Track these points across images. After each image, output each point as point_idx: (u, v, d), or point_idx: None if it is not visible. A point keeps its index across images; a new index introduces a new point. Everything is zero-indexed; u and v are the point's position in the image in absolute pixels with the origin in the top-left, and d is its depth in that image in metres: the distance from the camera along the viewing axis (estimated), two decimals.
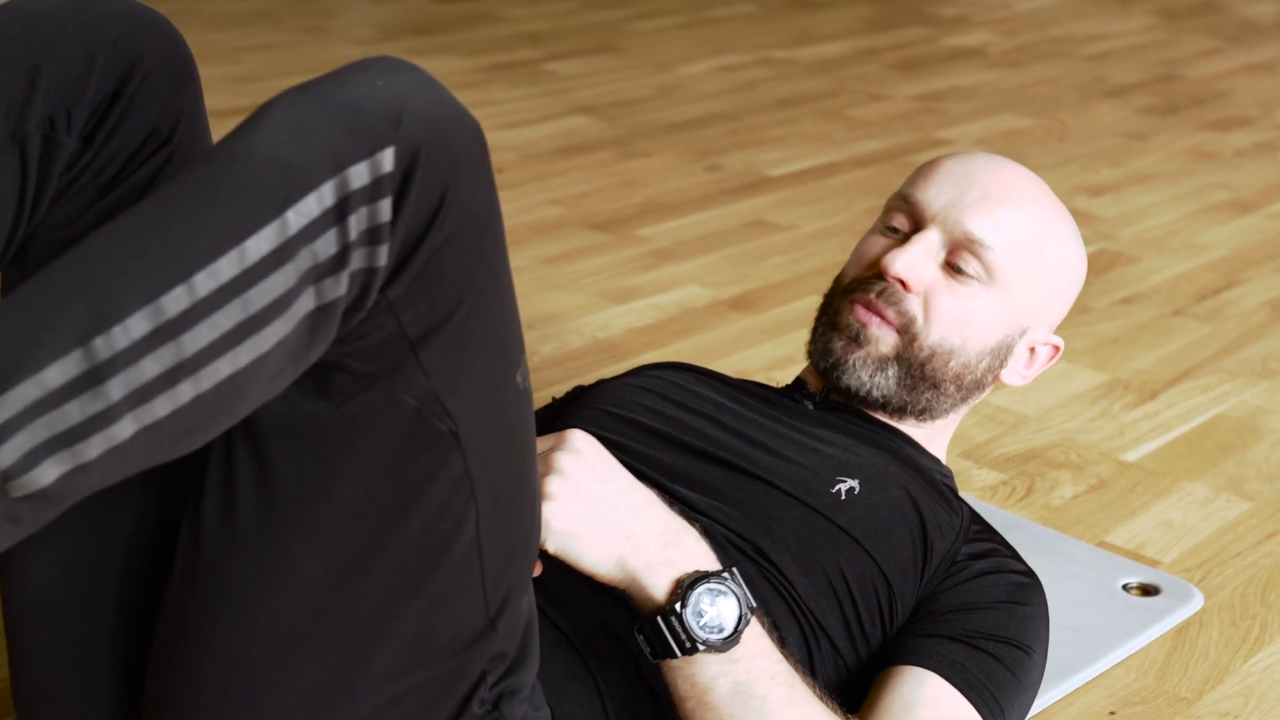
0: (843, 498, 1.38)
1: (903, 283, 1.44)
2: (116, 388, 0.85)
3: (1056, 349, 1.54)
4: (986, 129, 3.63)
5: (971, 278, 1.45)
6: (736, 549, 1.32)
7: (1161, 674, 1.61)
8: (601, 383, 1.60)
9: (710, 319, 2.46)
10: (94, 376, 0.85)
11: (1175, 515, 1.93)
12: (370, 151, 0.90)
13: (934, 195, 1.47)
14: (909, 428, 1.51)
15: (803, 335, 2.37)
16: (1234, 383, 2.31)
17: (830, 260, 2.73)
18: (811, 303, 2.51)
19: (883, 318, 1.45)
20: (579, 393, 1.59)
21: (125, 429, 0.86)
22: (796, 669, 1.22)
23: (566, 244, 2.75)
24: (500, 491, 1.04)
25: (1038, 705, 1.53)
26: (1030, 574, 1.42)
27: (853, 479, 1.39)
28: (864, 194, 3.12)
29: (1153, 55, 4.47)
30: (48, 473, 0.86)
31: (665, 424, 1.45)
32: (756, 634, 1.20)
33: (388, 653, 1.03)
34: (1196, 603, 1.73)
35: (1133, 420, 2.18)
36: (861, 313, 1.46)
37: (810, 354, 1.53)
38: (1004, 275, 1.46)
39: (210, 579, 1.03)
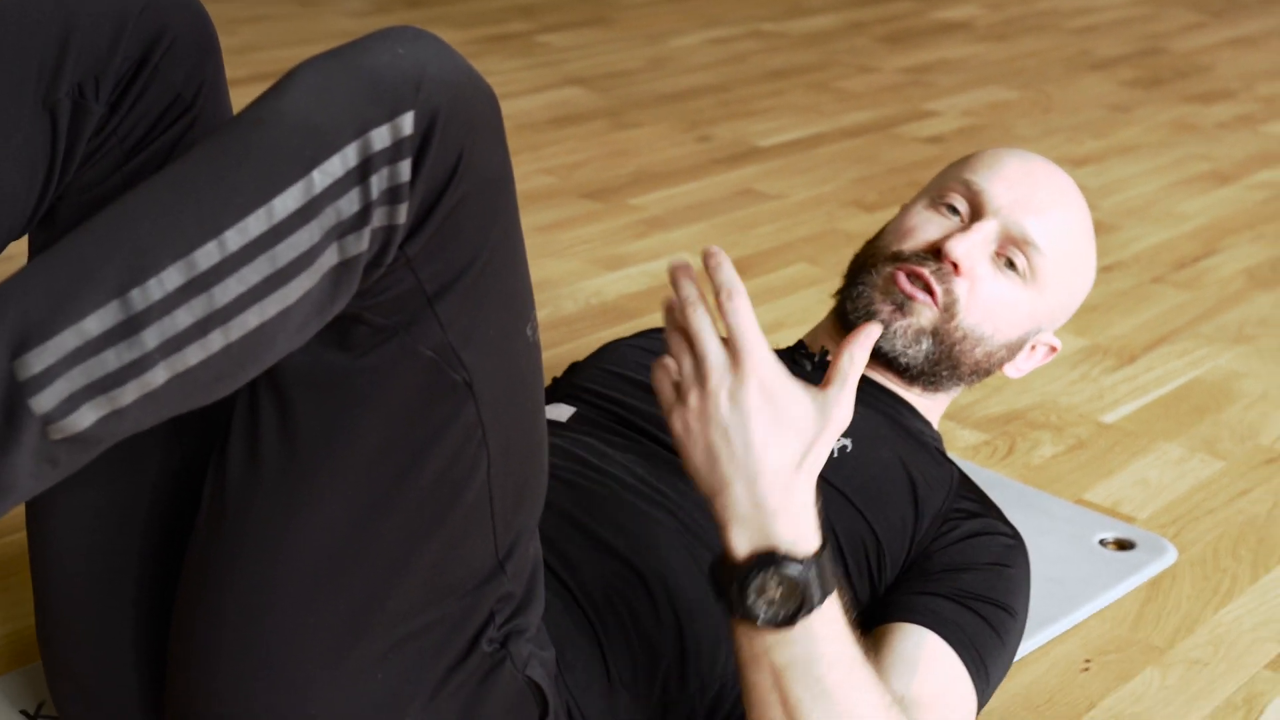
0: (835, 456, 1.43)
1: (956, 265, 1.50)
2: (151, 337, 0.91)
3: (1053, 349, 1.61)
4: (973, 101, 3.69)
5: (1017, 274, 1.53)
6: None
7: (1135, 624, 1.68)
8: (606, 345, 1.66)
9: (701, 285, 2.52)
10: (130, 326, 0.90)
11: (1151, 474, 1.99)
12: (391, 115, 0.95)
13: (1001, 190, 1.53)
14: (910, 395, 1.57)
15: (791, 301, 2.46)
16: (1210, 347, 2.38)
17: (819, 228, 2.79)
18: (800, 270, 2.59)
19: (931, 293, 1.50)
20: (598, 354, 1.64)
21: (159, 376, 0.92)
22: (861, 650, 1.18)
23: (560, 212, 2.80)
24: (511, 439, 1.10)
25: (1018, 653, 1.59)
26: (1016, 536, 1.47)
27: (845, 438, 1.44)
28: (852, 164, 3.17)
29: (1137, 29, 4.52)
30: (85, 417, 0.91)
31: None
32: (825, 619, 1.15)
33: (403, 592, 1.08)
34: (1170, 557, 1.79)
35: (1111, 384, 2.24)
36: (910, 286, 1.50)
37: (844, 310, 1.55)
38: (1044, 277, 1.53)
39: (235, 522, 1.08)
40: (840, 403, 1.14)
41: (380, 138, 0.95)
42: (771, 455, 1.12)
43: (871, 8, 4.65)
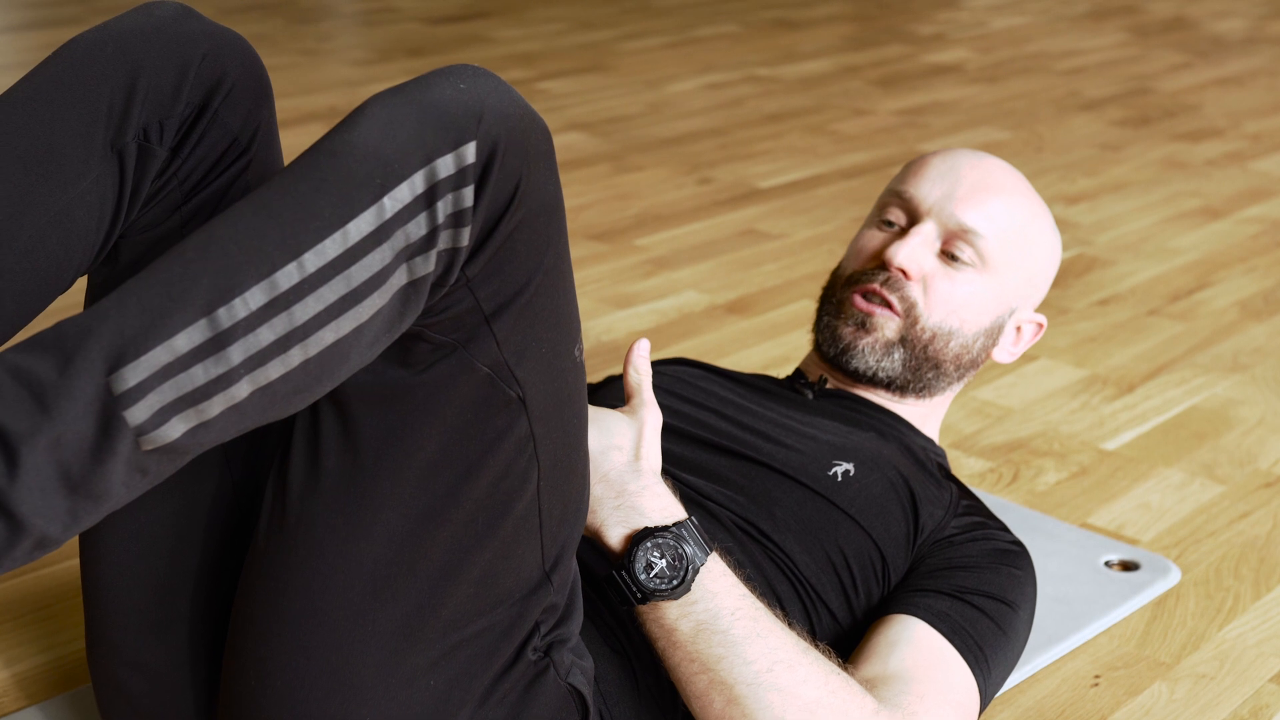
0: (839, 480, 1.48)
1: (904, 271, 1.56)
2: (237, 353, 0.96)
3: (1040, 325, 1.67)
4: (966, 141, 3.75)
5: (966, 264, 1.59)
6: (742, 531, 1.42)
7: (1142, 641, 1.72)
8: (611, 379, 1.71)
9: (708, 322, 2.58)
10: (218, 343, 0.96)
11: (1153, 498, 2.05)
12: (455, 145, 1.01)
13: (927, 190, 1.60)
14: (906, 408, 1.63)
15: (797, 336, 2.52)
16: (1206, 376, 2.44)
17: (820, 266, 2.85)
18: (804, 306, 2.65)
19: (888, 305, 1.57)
20: (589, 391, 1.70)
21: (243, 390, 0.97)
22: (761, 600, 1.29)
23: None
24: (559, 452, 1.15)
25: (1026, 671, 1.64)
26: (1018, 543, 1.52)
27: (848, 462, 1.49)
28: (851, 204, 3.24)
29: (1125, 70, 4.60)
30: (175, 429, 0.96)
31: (672, 417, 1.54)
32: (715, 574, 1.27)
33: (455, 600, 1.13)
34: (1174, 577, 1.84)
35: (1111, 412, 2.30)
36: (865, 301, 1.58)
37: (817, 342, 1.64)
38: (995, 260, 1.59)
39: (297, 530, 1.13)
40: (642, 409, 1.34)
41: (445, 166, 1.01)
42: (611, 457, 1.30)
43: (864, 52, 4.72)
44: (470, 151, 1.01)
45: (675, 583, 1.25)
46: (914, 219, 1.61)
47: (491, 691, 1.16)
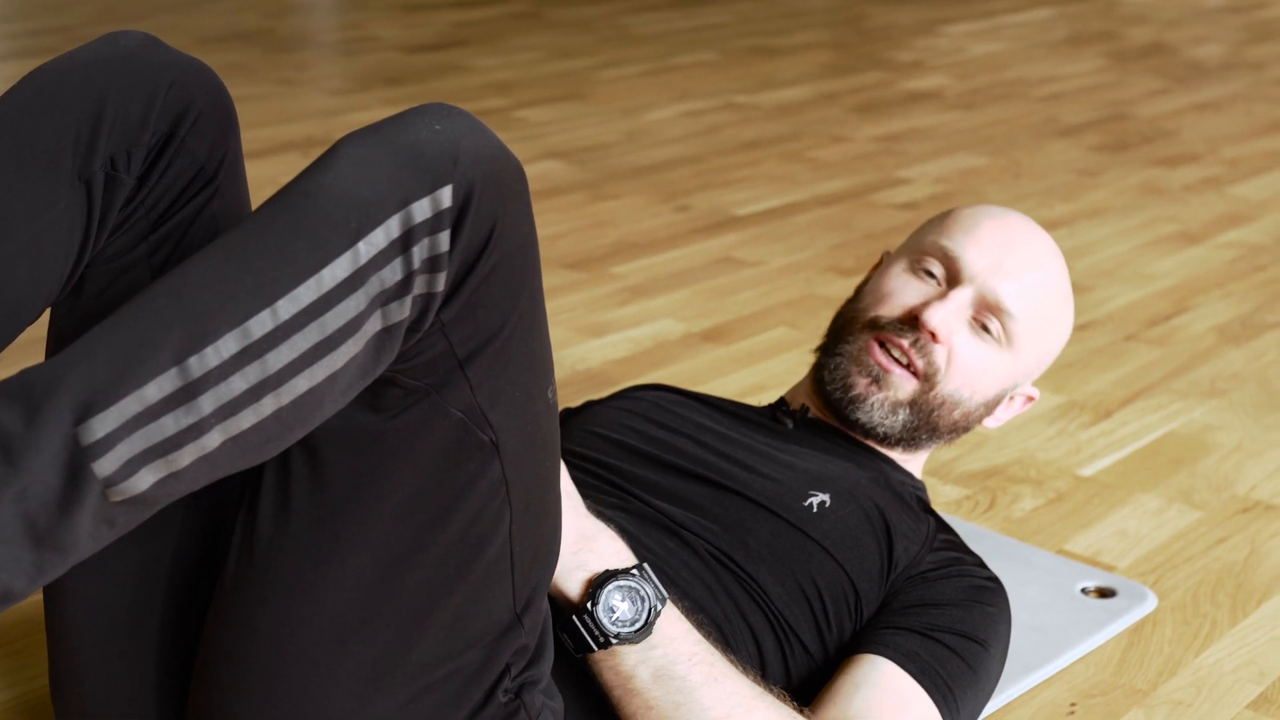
0: (814, 511, 1.46)
1: (934, 335, 1.54)
2: (208, 402, 0.95)
3: (1030, 399, 1.67)
4: (945, 168, 3.76)
5: (991, 339, 1.57)
6: (715, 560, 1.40)
7: (1119, 669, 1.71)
8: (588, 404, 1.70)
9: (684, 350, 2.57)
10: (188, 392, 0.94)
11: (1130, 524, 2.04)
12: (431, 188, 1.00)
13: (975, 256, 1.56)
14: (890, 452, 1.62)
15: (774, 364, 2.51)
16: (1184, 402, 2.43)
17: (797, 294, 2.84)
18: (782, 334, 2.64)
19: (911, 367, 1.55)
20: (566, 416, 1.69)
21: (214, 439, 0.96)
22: (716, 647, 1.29)
23: (544, 282, 2.84)
24: (531, 495, 1.14)
25: (1002, 700, 1.63)
26: (994, 579, 1.51)
27: (824, 493, 1.48)
28: (828, 231, 3.23)
29: (1103, 96, 4.61)
30: (144, 480, 0.95)
31: (647, 443, 1.53)
32: (671, 619, 1.27)
33: (425, 644, 1.11)
34: (1150, 603, 1.83)
35: (1088, 438, 2.29)
36: (886, 358, 1.55)
37: (820, 379, 1.60)
38: (1019, 341, 1.58)
39: (264, 575, 1.11)
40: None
41: (421, 210, 0.99)
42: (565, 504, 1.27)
43: (841, 79, 4.73)
44: (446, 195, 1.00)
45: (638, 626, 1.24)
46: (954, 280, 1.57)
47: None
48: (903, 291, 1.58)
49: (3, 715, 1.53)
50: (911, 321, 1.55)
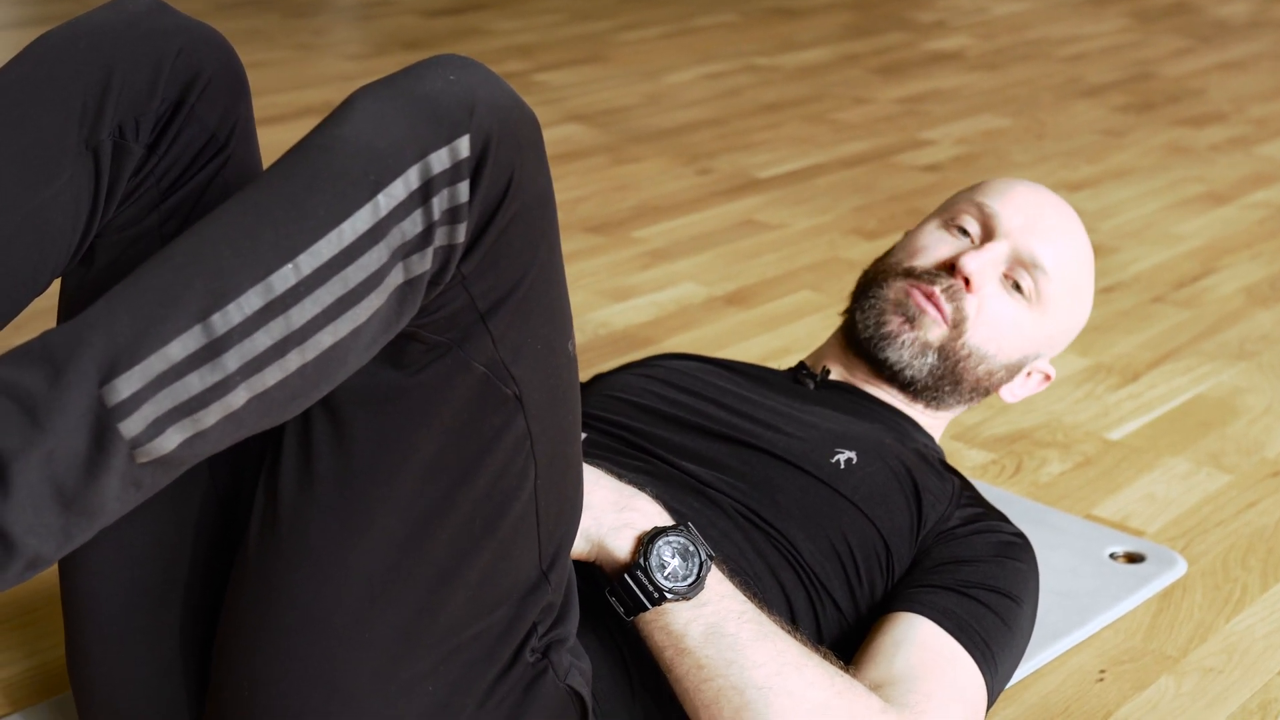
0: (842, 467, 1.46)
1: (968, 281, 1.55)
2: (232, 359, 0.93)
3: (1047, 377, 1.67)
4: (968, 129, 3.72)
5: (1022, 296, 1.58)
6: (744, 518, 1.40)
7: (1149, 635, 1.70)
8: (612, 371, 1.69)
9: (707, 314, 2.55)
10: (213, 350, 0.93)
11: (1158, 489, 2.01)
12: (449, 139, 0.98)
13: (1012, 213, 1.59)
14: (913, 411, 1.61)
15: (796, 328, 2.49)
16: (1212, 364, 2.40)
17: (820, 257, 2.82)
18: (804, 297, 2.62)
19: (940, 310, 1.56)
20: (593, 381, 1.68)
21: (240, 397, 0.94)
22: (761, 607, 1.28)
23: (565, 246, 2.82)
24: (555, 449, 1.12)
25: (1031, 666, 1.61)
26: (1020, 535, 1.50)
27: (850, 450, 1.48)
28: (851, 193, 3.20)
29: (1127, 55, 4.57)
30: (171, 439, 0.93)
31: (672, 406, 1.53)
32: (719, 578, 1.27)
33: (454, 603, 1.10)
34: (1180, 568, 1.81)
35: (1116, 401, 2.27)
36: (923, 299, 1.56)
37: (855, 323, 1.61)
38: (1049, 301, 1.59)
39: (289, 537, 1.10)
40: None
41: (439, 160, 0.98)
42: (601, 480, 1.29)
43: (863, 40, 4.69)
44: (464, 145, 0.99)
45: (689, 580, 1.24)
46: (989, 235, 1.60)
47: (489, 695, 1.14)
48: (938, 246, 1.61)
49: (23, 684, 1.52)
50: (947, 272, 1.57)
